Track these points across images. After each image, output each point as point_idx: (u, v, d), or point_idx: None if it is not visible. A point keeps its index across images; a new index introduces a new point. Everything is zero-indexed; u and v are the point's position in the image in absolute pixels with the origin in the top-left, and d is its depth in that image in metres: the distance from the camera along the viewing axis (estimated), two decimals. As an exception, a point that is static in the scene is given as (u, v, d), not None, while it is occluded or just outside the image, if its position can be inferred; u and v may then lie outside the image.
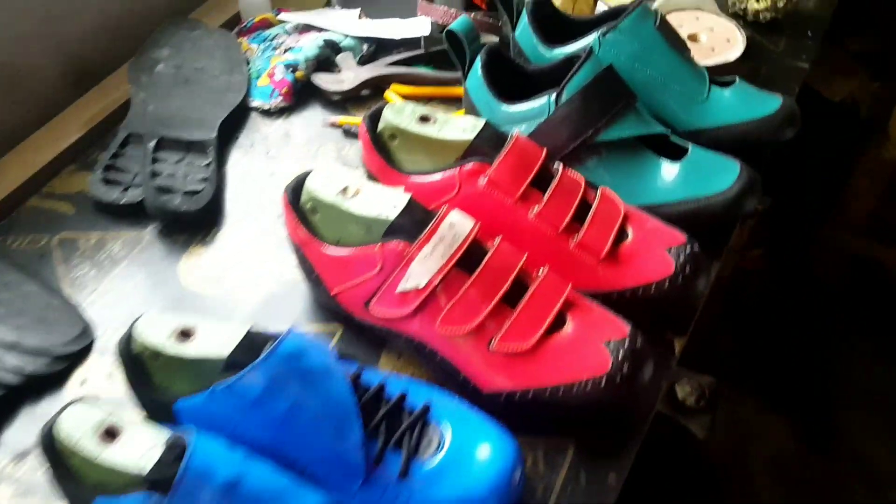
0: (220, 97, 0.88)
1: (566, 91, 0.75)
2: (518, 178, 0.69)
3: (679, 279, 0.67)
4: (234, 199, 0.81)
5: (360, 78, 0.90)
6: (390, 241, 0.62)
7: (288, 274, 0.73)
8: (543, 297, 0.63)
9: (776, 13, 1.01)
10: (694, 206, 0.75)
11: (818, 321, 1.77)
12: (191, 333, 0.58)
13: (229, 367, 0.56)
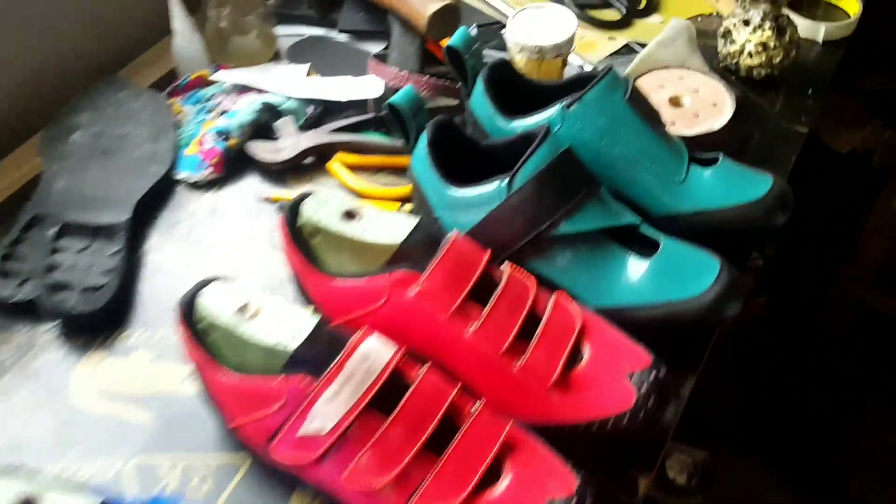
0: (142, 169, 0.78)
1: (519, 176, 0.66)
2: (453, 289, 0.59)
3: (640, 414, 0.57)
4: (146, 291, 0.72)
5: (301, 146, 0.81)
6: (292, 374, 0.53)
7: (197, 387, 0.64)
8: (476, 442, 0.54)
9: (772, 69, 0.91)
10: (665, 311, 0.65)
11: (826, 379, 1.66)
12: (35, 502, 0.49)
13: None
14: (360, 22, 0.95)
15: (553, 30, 0.81)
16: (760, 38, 0.89)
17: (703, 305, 0.64)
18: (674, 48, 0.88)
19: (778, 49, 0.89)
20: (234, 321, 0.55)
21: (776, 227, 0.73)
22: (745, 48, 0.90)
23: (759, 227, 0.72)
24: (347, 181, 0.80)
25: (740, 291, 0.66)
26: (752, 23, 0.90)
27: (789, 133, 0.88)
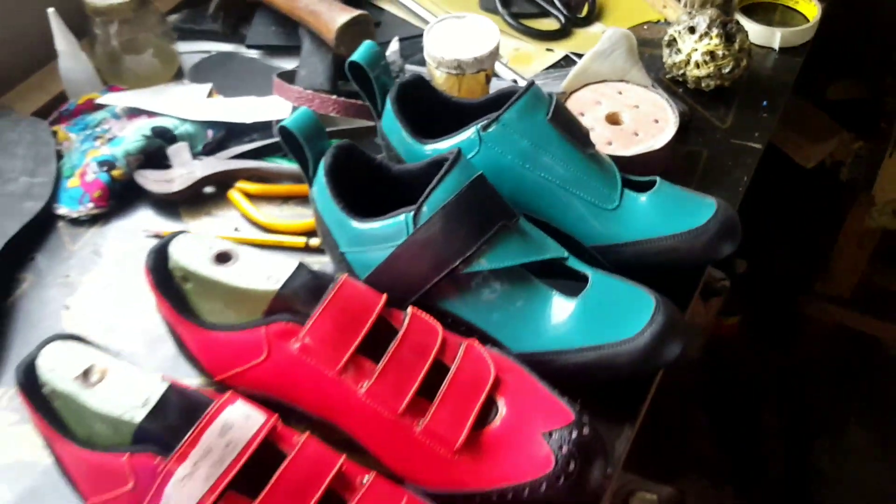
0: (15, 206, 0.70)
1: (426, 207, 0.58)
2: (341, 341, 0.51)
3: (560, 479, 0.49)
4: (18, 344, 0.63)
5: (196, 175, 0.73)
6: (140, 452, 0.44)
7: (53, 460, 0.55)
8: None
9: (722, 80, 0.84)
10: (595, 355, 0.57)
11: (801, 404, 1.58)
12: None
13: None
14: (271, 36, 0.87)
15: (474, 42, 0.74)
16: (707, 46, 0.82)
17: (637, 349, 0.56)
18: (611, 60, 0.81)
19: (727, 58, 0.82)
20: (76, 388, 0.47)
21: (721, 258, 0.66)
22: (691, 58, 0.83)
23: (702, 258, 0.64)
24: (250, 212, 0.71)
25: (679, 332, 0.58)
26: (697, 30, 0.83)
27: (742, 150, 0.81)
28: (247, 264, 0.53)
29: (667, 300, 0.58)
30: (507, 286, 0.59)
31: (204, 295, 0.54)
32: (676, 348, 0.57)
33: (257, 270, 0.53)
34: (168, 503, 0.44)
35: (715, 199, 0.66)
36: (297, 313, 0.51)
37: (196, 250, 0.54)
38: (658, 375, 0.62)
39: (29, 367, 0.49)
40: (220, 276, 0.53)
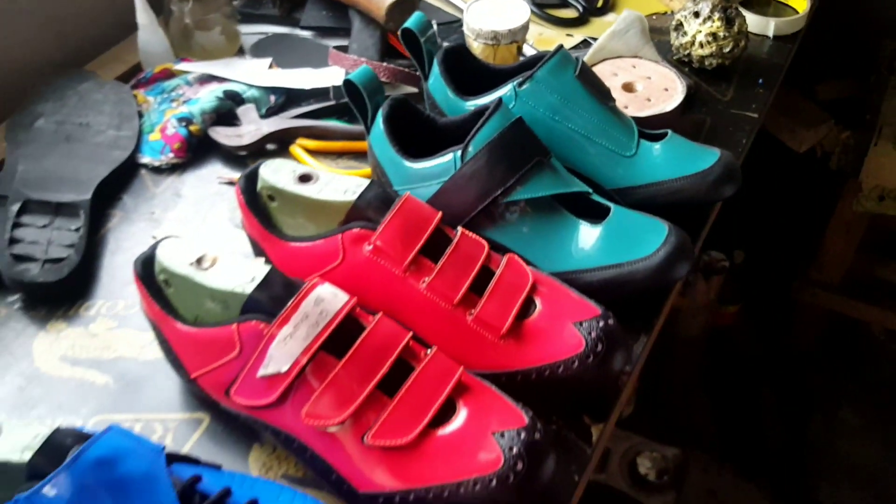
0: (104, 154, 0.80)
1: (472, 146, 0.68)
2: (406, 244, 0.60)
3: (590, 357, 0.58)
4: (107, 267, 0.73)
5: (262, 132, 0.83)
6: (247, 320, 0.54)
7: (154, 354, 0.64)
8: (429, 382, 0.55)
9: (723, 59, 0.94)
10: (616, 272, 0.67)
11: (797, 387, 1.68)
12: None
13: (32, 476, 0.46)
14: (323, 19, 0.97)
15: (507, 17, 0.85)
16: (710, 28, 0.93)
17: (652, 266, 0.66)
18: (626, 39, 0.91)
19: (727, 39, 0.93)
20: (191, 272, 0.56)
21: (723, 198, 0.75)
22: (696, 39, 0.94)
23: (707, 198, 0.74)
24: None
25: (688, 253, 0.68)
26: (701, 14, 0.94)
27: (741, 119, 0.91)
28: (326, 182, 0.63)
29: (678, 227, 0.68)
30: (539, 215, 0.68)
31: (287, 211, 0.64)
32: (685, 267, 0.67)
33: (335, 187, 0.63)
34: (271, 361, 0.53)
35: (719, 149, 0.75)
36: (370, 221, 0.61)
37: (283, 172, 0.64)
38: (670, 294, 0.72)
39: (147, 260, 0.59)
40: (303, 192, 0.63)
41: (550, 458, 0.53)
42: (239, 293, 0.55)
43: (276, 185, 0.63)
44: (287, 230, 0.65)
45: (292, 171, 0.64)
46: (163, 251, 0.58)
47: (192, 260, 0.57)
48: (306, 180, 0.64)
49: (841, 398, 1.63)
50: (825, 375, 1.67)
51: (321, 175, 0.64)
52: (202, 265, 0.56)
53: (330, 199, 0.62)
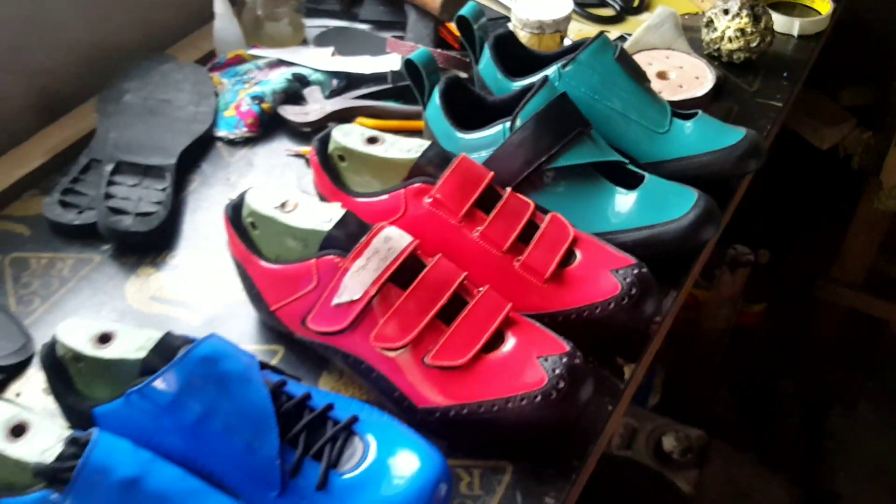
0: (185, 127, 0.89)
1: (520, 118, 0.75)
2: (462, 197, 0.68)
3: (624, 299, 0.65)
4: (189, 223, 0.81)
5: (326, 110, 0.91)
6: (325, 255, 0.62)
7: (233, 296, 0.72)
8: (481, 314, 0.62)
9: (750, 53, 1.01)
10: (648, 233, 0.74)
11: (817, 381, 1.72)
12: (110, 337, 0.57)
13: (145, 371, 0.54)
14: (380, 13, 1.06)
15: (552, 8, 0.92)
16: (738, 24, 1.00)
17: (681, 228, 0.73)
18: (660, 32, 0.99)
19: (755, 34, 1.00)
20: (276, 213, 0.64)
21: (747, 173, 0.82)
22: (725, 34, 1.01)
23: (733, 172, 0.81)
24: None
25: (715, 218, 0.75)
26: (730, 11, 1.01)
27: (766, 107, 0.98)
28: (391, 143, 0.71)
29: (707, 195, 0.75)
30: (579, 181, 0.76)
31: (356, 170, 0.72)
32: (712, 230, 0.74)
33: (400, 147, 0.70)
34: (345, 290, 0.61)
35: (745, 129, 0.82)
36: (430, 176, 0.69)
37: (353, 135, 0.72)
38: (699, 255, 0.79)
39: (236, 206, 0.67)
40: (371, 152, 0.71)
41: (589, 382, 0.60)
42: (318, 231, 0.62)
43: (347, 146, 0.72)
44: (354, 187, 0.73)
45: (361, 133, 0.72)
46: (251, 196, 0.66)
47: (276, 204, 0.65)
48: (374, 142, 0.72)
49: (860, 394, 1.68)
50: (845, 372, 1.71)
51: (387, 137, 0.72)
52: (286, 208, 0.65)
53: (395, 158, 0.70)
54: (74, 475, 0.45)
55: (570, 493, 0.61)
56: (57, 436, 0.50)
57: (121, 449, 0.48)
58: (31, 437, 0.50)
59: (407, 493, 0.52)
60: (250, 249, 0.66)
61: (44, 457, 0.49)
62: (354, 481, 0.53)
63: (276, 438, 0.53)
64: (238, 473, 0.53)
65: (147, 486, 0.46)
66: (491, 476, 0.61)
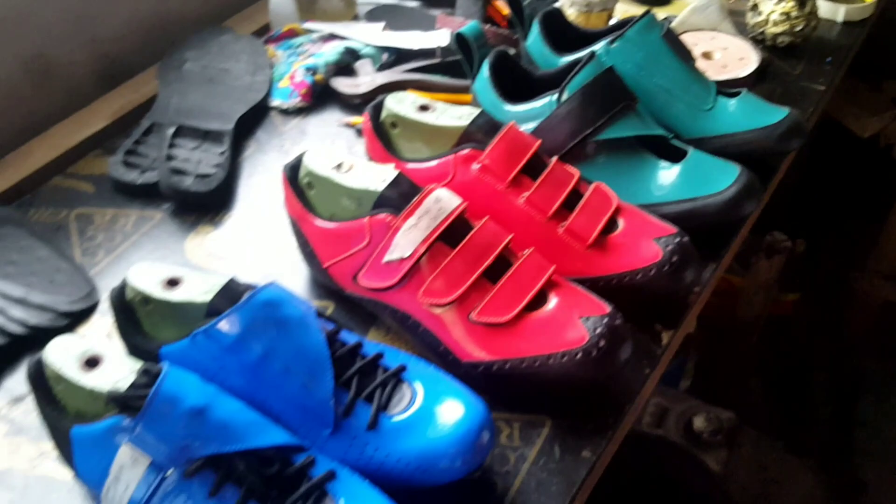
0: (242, 95, 0.92)
1: (567, 90, 0.77)
2: (509, 164, 0.70)
3: (665, 266, 0.67)
4: (245, 186, 0.85)
5: (377, 82, 0.94)
6: (378, 214, 0.64)
7: (286, 255, 0.76)
8: (526, 274, 0.64)
9: (794, 37, 1.02)
10: (691, 206, 0.76)
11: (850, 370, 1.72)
12: (178, 281, 0.61)
13: (211, 313, 0.58)
14: (430, -10, 1.09)
15: (600, -13, 0.94)
16: (784, 8, 1.01)
17: (725, 200, 0.75)
18: (706, 14, 1.00)
19: (799, 18, 1.01)
20: (332, 173, 0.67)
21: (790, 150, 0.84)
22: (770, 18, 1.02)
23: (775, 149, 0.83)
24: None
25: (757, 193, 0.76)
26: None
27: (808, 90, 0.99)
28: (442, 111, 0.74)
29: (749, 170, 0.76)
30: (624, 154, 0.78)
31: (407, 136, 0.75)
32: (753, 205, 0.76)
33: (451, 114, 0.73)
34: (396, 248, 0.64)
35: (788, 108, 0.84)
36: (479, 143, 0.71)
37: (405, 102, 0.74)
38: (739, 230, 0.80)
39: (294, 166, 0.70)
40: (423, 119, 0.73)
41: (628, 343, 0.62)
42: (372, 191, 0.65)
43: (399, 113, 0.74)
44: (405, 154, 0.76)
45: (413, 101, 0.75)
46: (308, 158, 0.69)
47: (333, 165, 0.68)
48: (425, 109, 0.74)
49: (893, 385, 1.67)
50: (878, 362, 1.71)
51: (438, 105, 0.74)
52: (341, 169, 0.68)
53: (446, 125, 0.73)
54: (146, 403, 0.49)
55: (605, 448, 0.63)
56: (128, 368, 0.53)
57: (189, 381, 0.51)
58: (104, 369, 0.54)
59: (452, 438, 0.55)
60: (306, 208, 0.69)
61: (116, 387, 0.52)
62: (402, 424, 0.56)
63: (331, 380, 0.56)
64: (294, 412, 0.56)
65: (212, 415, 0.50)
66: (530, 429, 0.63)
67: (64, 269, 0.73)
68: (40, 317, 0.68)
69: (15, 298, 0.69)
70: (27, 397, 0.64)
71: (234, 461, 0.49)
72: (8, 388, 0.65)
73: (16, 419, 0.63)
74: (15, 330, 0.67)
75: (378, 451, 0.55)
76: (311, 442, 0.55)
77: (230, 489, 0.49)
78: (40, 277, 0.71)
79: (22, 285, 0.70)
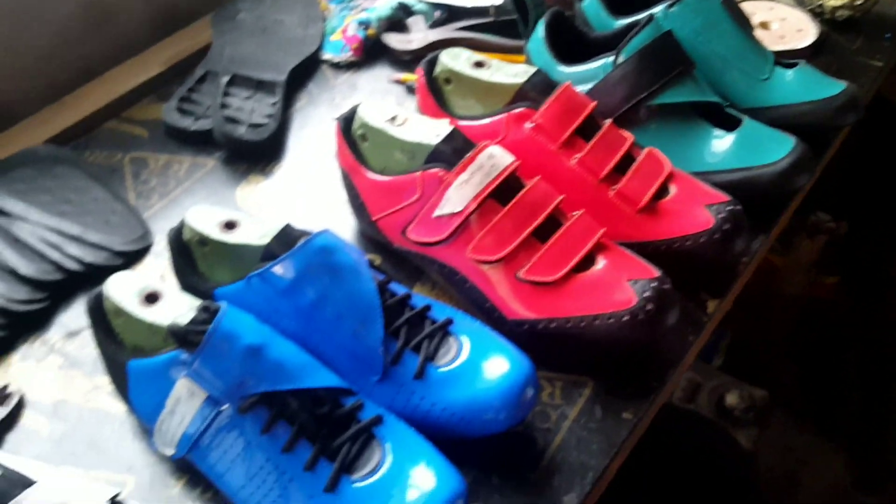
0: (294, 47, 0.92)
1: (623, 52, 0.77)
2: (563, 124, 0.70)
3: (717, 234, 0.67)
4: (296, 137, 0.85)
5: (428, 39, 0.94)
6: (431, 168, 0.65)
7: (335, 207, 0.76)
8: (575, 235, 0.64)
9: (853, 11, 1.00)
10: (743, 175, 0.75)
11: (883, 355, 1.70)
12: (235, 224, 0.62)
13: (266, 257, 0.59)
14: (485, -51, 1.08)
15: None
16: (844, -20, 0.99)
17: (778, 171, 0.74)
18: (765, -16, 0.98)
19: (859, -9, 0.99)
20: (386, 126, 0.68)
21: (845, 125, 0.82)
22: (830, -11, 1.00)
23: (831, 122, 0.81)
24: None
25: (810, 165, 0.75)
26: (837, -33, 1.00)
27: (866, 66, 0.97)
28: (497, 68, 0.73)
29: (804, 142, 0.75)
30: (677, 119, 0.77)
31: (460, 93, 0.75)
32: (806, 177, 0.75)
33: (506, 71, 0.73)
34: (447, 202, 0.64)
35: (845, 82, 0.82)
36: (533, 102, 0.71)
37: (461, 58, 0.74)
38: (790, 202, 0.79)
39: (348, 118, 0.70)
40: (478, 76, 0.73)
41: (675, 308, 0.62)
42: (426, 145, 0.65)
43: (454, 69, 0.74)
44: (458, 111, 0.76)
45: (468, 57, 0.74)
46: (363, 109, 0.69)
47: (387, 117, 0.68)
48: (480, 66, 0.74)
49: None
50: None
51: (493, 62, 0.74)
52: (395, 122, 0.68)
53: (500, 82, 0.73)
54: (205, 338, 0.50)
55: (647, 411, 0.63)
56: (187, 305, 0.55)
57: (246, 320, 0.52)
58: (163, 304, 0.55)
59: (497, 390, 0.55)
60: (358, 160, 0.70)
61: (176, 322, 0.53)
62: (449, 375, 0.57)
63: (381, 328, 0.57)
64: (344, 357, 0.57)
65: (268, 354, 0.51)
66: (572, 389, 0.64)
67: (119, 211, 0.74)
68: (96, 255, 0.70)
69: (71, 236, 0.70)
70: (82, 332, 0.66)
71: (286, 399, 0.50)
72: (63, 323, 0.67)
73: (70, 353, 0.64)
74: (71, 266, 0.68)
75: (424, 399, 0.56)
76: (359, 388, 0.56)
77: (282, 426, 0.50)
78: (96, 217, 0.73)
79: (78, 224, 0.71)
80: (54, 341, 0.65)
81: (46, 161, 0.77)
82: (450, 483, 0.51)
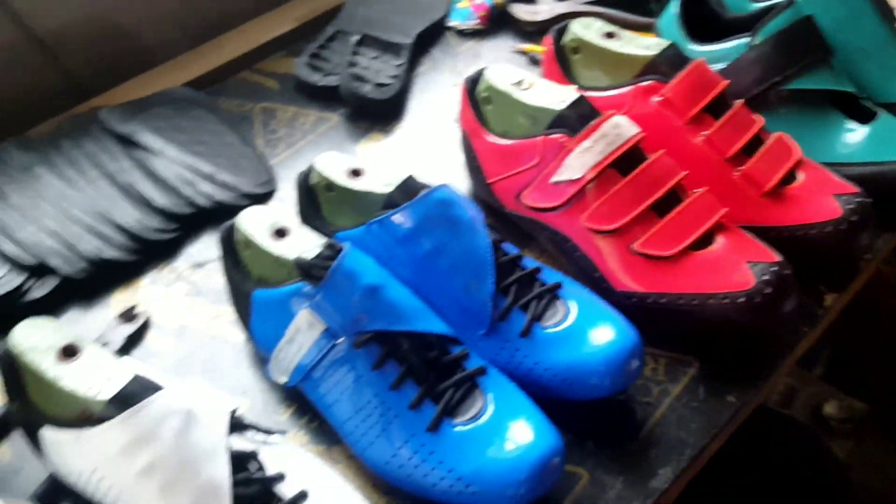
0: (423, 11, 0.94)
1: (760, 34, 0.75)
2: (693, 100, 0.69)
3: (843, 224, 0.65)
4: (417, 101, 0.87)
5: (556, 11, 0.94)
6: (553, 133, 0.65)
7: (450, 171, 0.77)
8: (696, 212, 0.63)
9: None
10: (875, 169, 0.72)
11: None
12: (361, 172, 0.64)
13: (387, 205, 0.60)
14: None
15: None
16: None
17: (912, 168, 0.71)
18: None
19: None
20: (512, 89, 0.68)
21: None
22: None
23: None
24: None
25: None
26: None
27: None
28: (629, 40, 0.73)
29: (946, 140, 0.72)
30: (810, 107, 0.75)
31: (587, 63, 0.75)
32: (946, 178, 0.71)
33: (637, 43, 0.72)
34: (566, 169, 0.64)
35: None
36: (663, 75, 0.70)
37: (593, 28, 0.74)
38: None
39: (474, 79, 0.71)
40: (608, 46, 0.73)
41: (794, 296, 0.61)
42: (550, 110, 0.66)
43: (584, 38, 0.74)
44: (583, 81, 0.76)
45: (600, 27, 0.74)
46: (490, 72, 0.70)
47: (514, 81, 0.69)
48: (611, 36, 0.74)
49: None
50: None
51: (624, 34, 0.74)
52: (521, 86, 0.68)
53: (631, 53, 0.72)
54: (329, 273, 0.52)
55: (752, 398, 0.62)
56: (313, 242, 0.57)
57: (367, 261, 0.54)
58: (291, 240, 0.57)
59: (602, 357, 0.55)
60: (480, 122, 0.70)
61: (302, 256, 0.56)
62: (554, 336, 0.57)
63: (492, 284, 0.57)
64: (454, 309, 0.58)
65: (385, 295, 0.52)
66: (677, 366, 0.63)
67: (248, 156, 0.77)
68: (225, 194, 0.73)
69: (204, 174, 0.74)
70: (208, 264, 0.69)
71: (398, 340, 0.52)
72: (191, 254, 0.71)
73: (197, 282, 0.68)
74: (202, 202, 0.72)
75: (528, 357, 0.57)
76: (465, 339, 0.57)
77: (392, 365, 0.51)
78: (227, 159, 0.76)
79: (211, 164, 0.75)
80: (182, 270, 0.69)
81: (184, 103, 0.81)
82: (548, 439, 0.51)
